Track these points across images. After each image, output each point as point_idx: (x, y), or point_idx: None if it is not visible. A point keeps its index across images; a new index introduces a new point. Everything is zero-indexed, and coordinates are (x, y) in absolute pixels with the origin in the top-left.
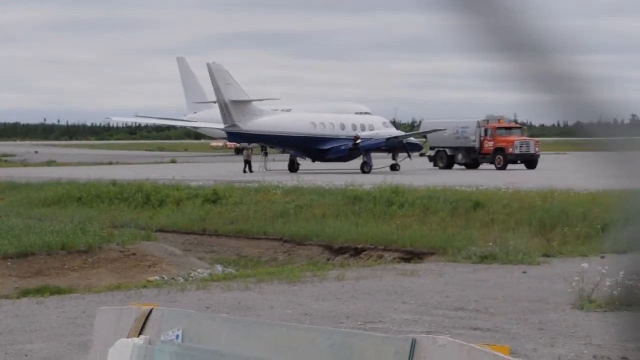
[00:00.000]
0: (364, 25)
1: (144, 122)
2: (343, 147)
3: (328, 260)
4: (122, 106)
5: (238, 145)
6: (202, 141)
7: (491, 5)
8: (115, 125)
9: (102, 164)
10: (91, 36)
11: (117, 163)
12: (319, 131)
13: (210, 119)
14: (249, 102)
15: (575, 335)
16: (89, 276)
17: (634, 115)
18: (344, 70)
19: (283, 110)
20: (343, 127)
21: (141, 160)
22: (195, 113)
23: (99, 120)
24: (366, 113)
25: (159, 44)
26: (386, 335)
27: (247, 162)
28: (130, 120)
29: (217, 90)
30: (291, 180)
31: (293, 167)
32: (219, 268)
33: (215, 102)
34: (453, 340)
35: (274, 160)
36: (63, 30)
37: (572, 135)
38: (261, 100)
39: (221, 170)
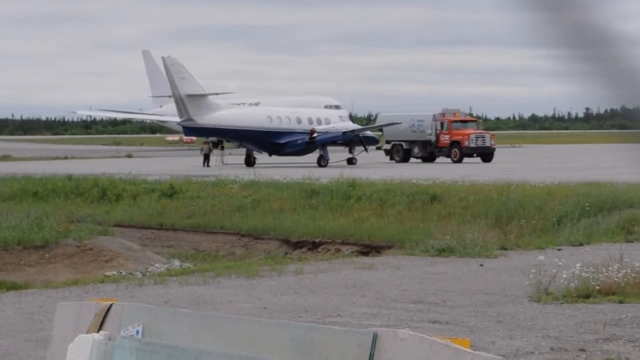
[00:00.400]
0: (320, 19)
1: (109, 115)
2: (299, 141)
3: (286, 254)
4: (78, 100)
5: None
6: (158, 135)
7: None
8: (70, 120)
9: (57, 158)
10: (46, 29)
11: (73, 157)
12: (275, 125)
13: (176, 113)
14: (204, 95)
15: (532, 327)
16: (46, 271)
17: None
18: (300, 64)
19: (251, 104)
20: (299, 120)
21: (97, 155)
22: (161, 106)
23: (62, 114)
24: (336, 106)
25: (116, 37)
26: (347, 329)
27: (206, 156)
28: (96, 114)
29: (173, 84)
30: (248, 174)
31: (249, 161)
32: (177, 262)
33: (171, 96)
34: (414, 333)
35: (230, 154)
36: (15, 23)
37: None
38: (217, 94)
39: (177, 164)
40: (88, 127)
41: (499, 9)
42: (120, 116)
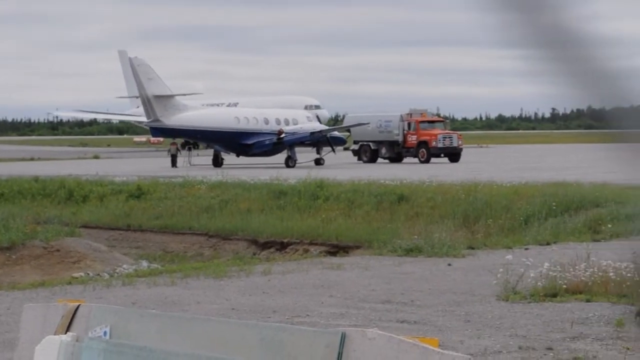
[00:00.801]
0: (288, 19)
1: (87, 116)
2: (267, 142)
3: (254, 254)
4: (43, 101)
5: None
6: (125, 136)
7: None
8: (37, 121)
9: (23, 159)
10: (10, 29)
11: (39, 159)
12: (242, 126)
13: None
14: (171, 96)
15: (500, 326)
16: (12, 273)
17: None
18: (268, 64)
19: (229, 104)
20: (267, 121)
21: (63, 156)
22: (138, 107)
23: (29, 115)
24: (316, 106)
25: (81, 38)
26: (316, 329)
27: (173, 157)
28: (74, 115)
29: (139, 85)
30: (215, 174)
31: (217, 162)
32: (144, 263)
33: (137, 97)
34: (382, 333)
35: (198, 155)
36: None
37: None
38: (184, 94)
39: (145, 165)
40: (55, 128)
41: (467, 9)
42: (100, 117)
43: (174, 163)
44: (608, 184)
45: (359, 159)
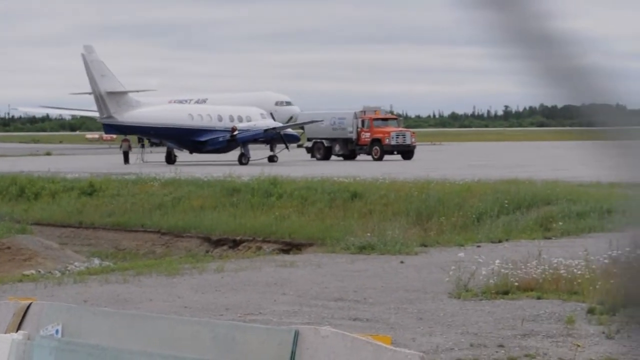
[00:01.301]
0: (240, 16)
1: (51, 112)
2: (220, 139)
3: (207, 251)
4: None
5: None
6: (78, 133)
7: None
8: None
9: None
10: None
11: None
12: (196, 122)
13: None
14: (124, 93)
15: (452, 323)
16: None
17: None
18: (220, 61)
19: (198, 101)
20: (220, 118)
21: (15, 152)
22: None
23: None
24: (287, 102)
25: (35, 33)
26: (269, 327)
27: (125, 154)
28: (36, 111)
29: (92, 81)
30: (168, 171)
31: (170, 159)
32: (96, 261)
33: (90, 93)
34: (336, 330)
35: (151, 152)
36: None
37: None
38: (137, 91)
39: (97, 162)
40: (6, 124)
41: (422, 6)
42: (65, 113)
43: (126, 160)
44: (559, 182)
45: (313, 156)
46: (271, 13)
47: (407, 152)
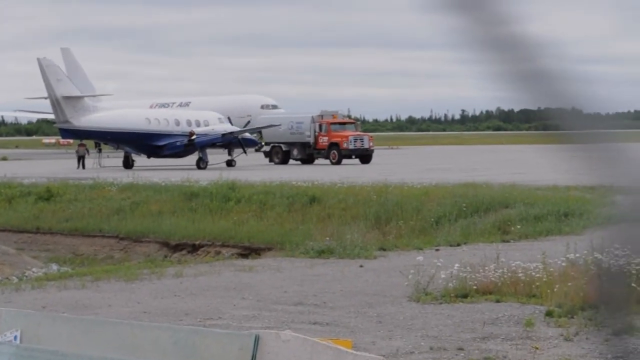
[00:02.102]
0: (199, 20)
1: (27, 116)
2: (178, 143)
3: (165, 256)
4: None
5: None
6: (34, 137)
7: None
8: None
9: None
10: None
11: None
12: (153, 127)
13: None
14: (81, 97)
15: (412, 327)
16: None
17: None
18: (179, 65)
19: (181, 104)
20: (178, 122)
21: None
22: None
23: None
24: (273, 105)
25: None
26: (229, 332)
27: (81, 158)
28: (16, 115)
29: (48, 86)
30: (126, 176)
31: (128, 164)
32: (54, 267)
33: (46, 98)
34: (296, 335)
35: (108, 157)
36: None
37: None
38: (94, 95)
39: (54, 167)
40: None
41: (379, 10)
42: (41, 117)
43: (80, 164)
44: (517, 185)
45: (271, 160)
46: (231, 17)
47: (365, 156)
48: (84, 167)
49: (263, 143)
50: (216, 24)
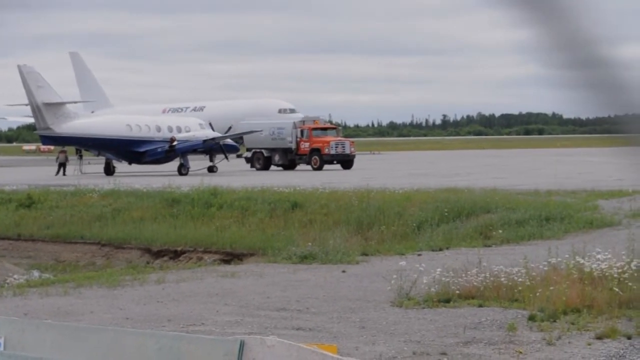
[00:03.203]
0: (179, 26)
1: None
2: (159, 149)
3: (147, 263)
4: None
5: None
6: (15, 144)
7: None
8: None
9: None
10: None
11: None
12: (134, 133)
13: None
14: (62, 104)
15: (395, 332)
16: None
17: None
18: (160, 71)
19: (194, 109)
20: (159, 129)
21: None
22: (92, 112)
23: None
24: (291, 110)
25: None
26: (214, 337)
27: (62, 165)
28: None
29: (29, 93)
30: (107, 183)
31: (109, 170)
32: (36, 273)
33: (27, 105)
34: (281, 340)
35: (89, 163)
36: None
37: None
38: (75, 102)
39: (35, 173)
40: None
41: (360, 17)
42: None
43: (60, 171)
44: (498, 190)
45: (252, 166)
46: (212, 23)
47: (346, 162)
48: (64, 173)
49: (243, 153)
50: (198, 31)
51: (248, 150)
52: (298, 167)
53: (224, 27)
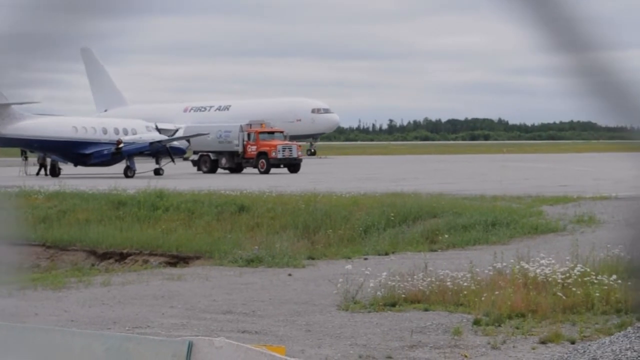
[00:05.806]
0: (134, 28)
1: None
2: (105, 152)
3: (93, 265)
4: None
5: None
6: None
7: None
8: None
9: None
10: None
11: None
12: (80, 135)
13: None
14: (7, 105)
15: (341, 335)
16: None
17: None
18: (114, 74)
19: (219, 108)
20: (105, 131)
21: None
22: (105, 110)
23: None
24: (325, 110)
25: None
26: (162, 338)
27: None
28: None
29: None
30: (53, 184)
31: (54, 172)
32: None
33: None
34: (230, 341)
35: (35, 165)
36: None
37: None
38: (21, 103)
39: None
40: None
41: (311, 21)
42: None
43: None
44: (445, 195)
45: (199, 169)
46: (160, 26)
47: (293, 165)
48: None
49: (190, 156)
50: (150, 32)
51: (195, 153)
52: (245, 171)
53: (173, 30)
